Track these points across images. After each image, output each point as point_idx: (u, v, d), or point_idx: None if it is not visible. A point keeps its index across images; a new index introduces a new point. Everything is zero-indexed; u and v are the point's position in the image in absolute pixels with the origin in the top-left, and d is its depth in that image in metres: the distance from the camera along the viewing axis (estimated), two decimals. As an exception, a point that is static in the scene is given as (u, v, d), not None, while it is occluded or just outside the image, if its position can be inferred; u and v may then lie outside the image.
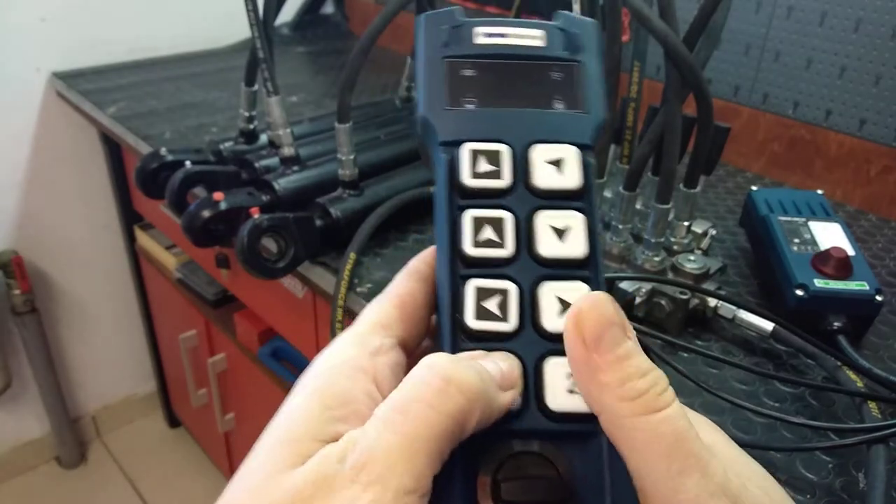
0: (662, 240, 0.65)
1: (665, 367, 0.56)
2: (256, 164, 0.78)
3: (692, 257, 0.64)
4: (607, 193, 0.72)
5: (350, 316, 0.67)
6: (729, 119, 0.97)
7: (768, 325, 0.57)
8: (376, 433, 0.18)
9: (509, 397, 0.20)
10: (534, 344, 0.21)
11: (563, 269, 0.22)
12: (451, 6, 0.27)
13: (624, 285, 0.60)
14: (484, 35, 0.25)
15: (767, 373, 0.56)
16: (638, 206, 0.70)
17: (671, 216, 0.66)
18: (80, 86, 1.19)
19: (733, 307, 0.60)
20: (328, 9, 1.59)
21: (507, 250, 0.22)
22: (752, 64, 0.94)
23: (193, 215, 0.68)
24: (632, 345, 0.20)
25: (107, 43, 1.30)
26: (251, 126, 0.85)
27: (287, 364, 1.08)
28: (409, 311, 0.24)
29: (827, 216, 0.70)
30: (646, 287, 0.61)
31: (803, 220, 0.69)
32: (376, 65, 1.36)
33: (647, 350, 0.55)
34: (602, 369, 0.19)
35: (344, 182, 0.73)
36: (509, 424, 0.20)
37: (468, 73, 0.24)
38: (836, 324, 0.58)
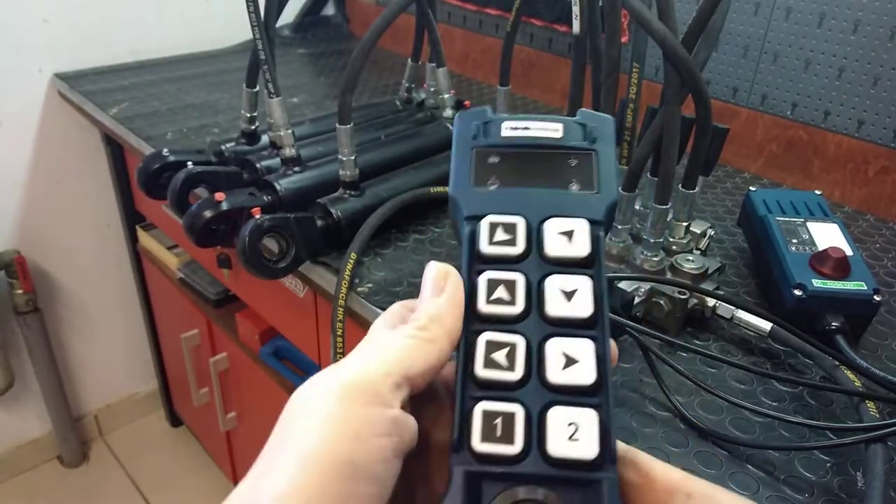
0: (661, 240, 0.65)
1: (664, 366, 0.56)
2: (258, 165, 0.79)
3: (691, 257, 0.65)
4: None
5: (351, 315, 0.67)
6: (727, 120, 0.97)
7: (766, 325, 0.58)
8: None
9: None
10: (538, 394, 0.23)
11: (569, 328, 0.24)
12: (449, 4, 0.28)
13: (623, 285, 0.60)
14: (509, 128, 0.27)
15: (766, 372, 0.56)
16: (637, 207, 0.70)
17: (670, 216, 0.66)
18: (82, 87, 1.19)
19: (732, 307, 0.60)
20: (329, 10, 1.60)
21: (518, 308, 0.24)
22: (751, 65, 0.94)
23: (195, 215, 0.68)
24: None
25: (109, 44, 1.31)
26: (253, 127, 0.86)
27: (288, 363, 1.09)
28: None
29: (825, 216, 0.70)
30: (644, 287, 0.61)
31: (801, 220, 0.69)
32: (377, 66, 1.37)
33: (645, 350, 0.55)
34: None
35: (345, 182, 0.73)
36: (512, 468, 0.22)
37: (493, 160, 0.27)
38: (833, 324, 0.58)
